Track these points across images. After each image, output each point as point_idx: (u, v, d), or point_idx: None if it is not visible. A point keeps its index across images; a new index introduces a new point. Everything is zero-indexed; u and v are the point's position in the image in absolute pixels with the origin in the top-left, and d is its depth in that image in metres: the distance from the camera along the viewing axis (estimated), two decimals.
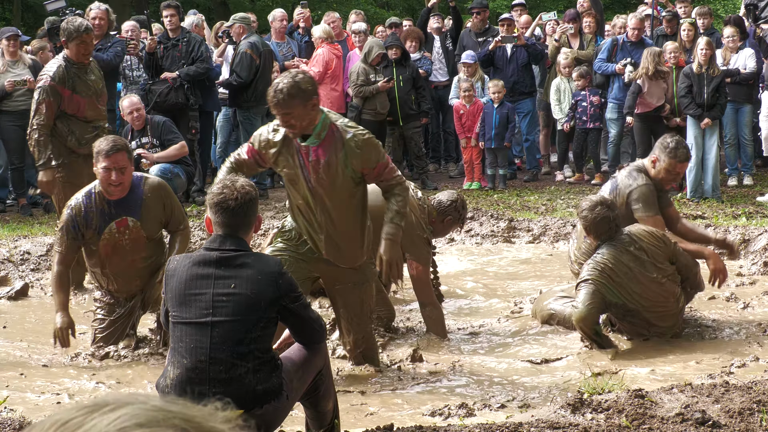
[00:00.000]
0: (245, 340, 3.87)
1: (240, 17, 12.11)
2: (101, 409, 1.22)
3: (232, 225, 3.99)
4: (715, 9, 23.79)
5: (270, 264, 3.99)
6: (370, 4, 25.13)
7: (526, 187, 11.98)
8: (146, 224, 5.83)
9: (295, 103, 4.89)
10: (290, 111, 4.92)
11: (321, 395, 4.24)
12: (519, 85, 12.31)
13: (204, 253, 3.99)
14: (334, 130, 5.06)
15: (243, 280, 3.91)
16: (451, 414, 4.64)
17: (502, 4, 22.07)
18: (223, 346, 3.85)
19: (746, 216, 9.16)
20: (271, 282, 3.92)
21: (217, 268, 3.93)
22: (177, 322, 3.95)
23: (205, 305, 3.90)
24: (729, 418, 4.01)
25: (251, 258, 3.99)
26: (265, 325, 3.93)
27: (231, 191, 4.00)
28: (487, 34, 12.72)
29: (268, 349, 3.97)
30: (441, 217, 6.36)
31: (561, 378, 5.37)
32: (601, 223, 5.85)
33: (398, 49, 11.77)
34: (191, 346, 3.88)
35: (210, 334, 3.86)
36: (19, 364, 5.74)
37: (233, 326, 3.87)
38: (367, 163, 5.06)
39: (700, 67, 10.51)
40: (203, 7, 23.73)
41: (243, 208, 3.99)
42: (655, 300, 5.88)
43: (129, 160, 5.76)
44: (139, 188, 5.82)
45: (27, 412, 4.75)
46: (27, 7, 21.97)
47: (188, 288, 3.93)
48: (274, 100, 4.92)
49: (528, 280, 7.82)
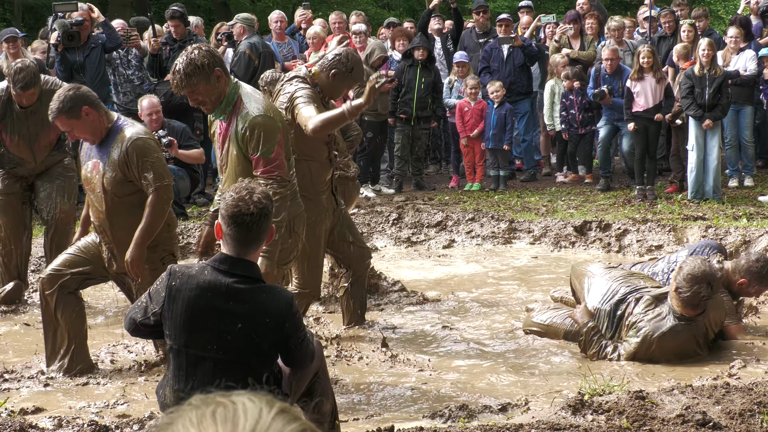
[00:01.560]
0: (246, 378, 3.73)
1: (242, 17, 12.14)
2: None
3: (244, 241, 3.75)
4: (716, 10, 23.81)
5: (279, 304, 3.75)
6: (370, 4, 25.15)
7: (527, 188, 11.98)
8: (108, 176, 5.37)
9: (196, 81, 4.87)
10: (194, 89, 4.91)
11: (319, 396, 4.22)
12: (516, 85, 12.32)
13: (212, 278, 3.74)
14: (239, 105, 5.00)
15: (250, 320, 3.71)
16: (451, 416, 4.64)
17: (503, 4, 22.07)
18: (223, 380, 3.69)
19: (747, 217, 9.16)
20: (277, 325, 3.74)
21: (225, 301, 3.71)
22: (179, 349, 3.80)
23: (209, 339, 3.74)
24: (730, 420, 4.01)
25: (262, 295, 3.76)
26: (269, 363, 3.84)
27: (247, 205, 3.72)
28: (489, 35, 12.75)
29: (268, 375, 3.82)
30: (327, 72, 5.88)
31: (562, 379, 5.37)
32: (694, 299, 5.60)
33: (425, 51, 11.82)
34: (192, 376, 3.79)
35: (212, 370, 3.75)
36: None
37: (236, 366, 3.76)
38: (252, 149, 4.94)
39: (701, 68, 10.51)
40: (204, 8, 23.75)
41: (258, 224, 3.74)
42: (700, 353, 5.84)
43: (72, 121, 5.34)
44: (113, 137, 5.42)
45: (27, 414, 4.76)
46: (27, 8, 21.97)
47: (193, 317, 3.74)
48: (174, 82, 4.87)
49: (535, 281, 7.82)
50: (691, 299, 5.58)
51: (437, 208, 10.23)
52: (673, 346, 5.63)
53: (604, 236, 8.89)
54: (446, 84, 12.46)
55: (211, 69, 4.87)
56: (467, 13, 15.96)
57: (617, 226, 9.00)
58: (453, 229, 9.45)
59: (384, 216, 9.74)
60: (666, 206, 10.30)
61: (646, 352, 5.62)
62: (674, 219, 9.35)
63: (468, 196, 11.34)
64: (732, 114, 11.22)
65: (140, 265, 5.32)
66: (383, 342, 6.02)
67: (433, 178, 12.81)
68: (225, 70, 5.00)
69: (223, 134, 5.07)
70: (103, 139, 5.41)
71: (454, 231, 9.44)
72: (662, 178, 11.87)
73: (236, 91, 5.02)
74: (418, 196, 11.36)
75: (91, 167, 5.46)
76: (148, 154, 5.32)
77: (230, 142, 5.03)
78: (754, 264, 6.07)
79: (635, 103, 10.97)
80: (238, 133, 4.96)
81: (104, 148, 5.40)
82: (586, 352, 5.76)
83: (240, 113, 4.96)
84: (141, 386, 5.38)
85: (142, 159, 5.30)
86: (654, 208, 10.24)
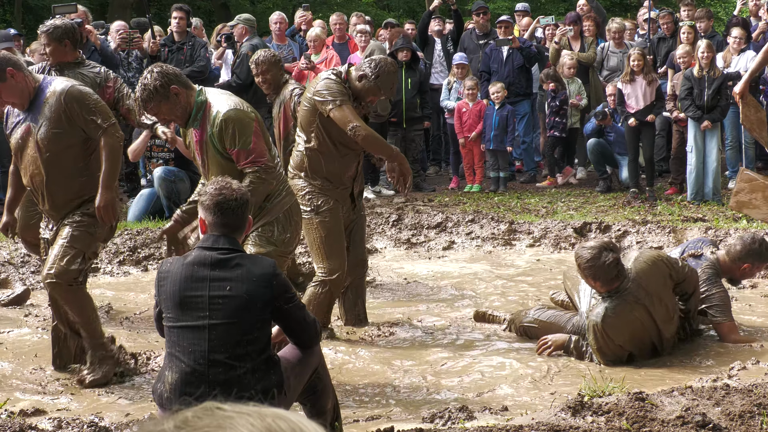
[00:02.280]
0: (242, 342, 3.88)
1: (244, 18, 12.14)
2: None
3: (229, 225, 4.00)
4: (716, 12, 23.80)
5: (264, 265, 3.98)
6: (371, 6, 25.16)
7: (527, 189, 11.98)
8: (42, 132, 5.26)
9: (155, 104, 4.97)
10: (157, 111, 5.02)
11: (319, 394, 4.25)
12: (515, 87, 12.32)
13: (199, 253, 3.98)
14: (208, 109, 5.07)
15: (238, 282, 3.91)
16: (451, 417, 4.63)
17: (503, 5, 22.08)
18: (221, 349, 3.86)
19: (746, 219, 9.16)
20: (265, 283, 3.92)
21: (212, 270, 3.93)
22: (173, 326, 3.94)
23: (201, 308, 3.90)
24: (729, 421, 4.01)
25: (246, 260, 3.99)
26: (261, 326, 3.95)
27: (230, 192, 4.00)
28: (489, 37, 12.75)
29: (265, 349, 3.97)
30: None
31: (561, 380, 5.37)
32: (610, 269, 5.53)
33: (408, 52, 11.80)
34: (189, 350, 3.89)
35: (207, 337, 3.87)
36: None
37: (230, 328, 3.88)
38: (228, 143, 5.04)
39: (700, 69, 10.51)
40: (204, 10, 23.75)
41: (241, 209, 4.01)
42: (666, 334, 5.79)
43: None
44: (41, 96, 5.31)
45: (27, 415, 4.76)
46: (28, 8, 21.97)
47: (184, 290, 3.92)
48: (139, 109, 4.98)
49: (535, 283, 7.82)
50: (599, 270, 5.51)
51: (437, 210, 10.23)
52: (620, 325, 5.57)
53: (604, 238, 8.88)
54: (445, 85, 12.46)
55: (166, 89, 4.96)
56: (467, 15, 15.96)
57: (617, 227, 9.00)
58: (453, 231, 9.45)
59: (384, 217, 9.73)
60: (666, 208, 10.30)
61: (604, 343, 5.58)
62: (674, 220, 9.35)
63: (468, 198, 11.34)
64: (733, 115, 11.22)
65: (113, 207, 5.35)
66: (382, 343, 6.02)
67: (433, 180, 12.80)
68: (182, 84, 5.03)
69: (199, 141, 5.12)
70: (31, 102, 5.32)
71: (453, 232, 9.44)
72: (662, 179, 11.87)
73: (203, 96, 5.08)
74: (417, 198, 11.36)
75: (21, 132, 5.37)
76: (86, 98, 5.30)
77: (207, 146, 5.09)
78: (752, 245, 6.11)
79: (627, 106, 11.00)
80: (213, 135, 5.03)
81: (34, 109, 5.32)
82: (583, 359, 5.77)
83: (210, 116, 5.04)
84: (139, 387, 5.38)
85: (82, 105, 5.27)
86: (654, 209, 10.24)
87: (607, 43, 12.53)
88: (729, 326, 6.01)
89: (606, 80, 12.40)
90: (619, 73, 12.18)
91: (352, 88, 6.05)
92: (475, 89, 11.87)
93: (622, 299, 5.61)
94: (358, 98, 6.08)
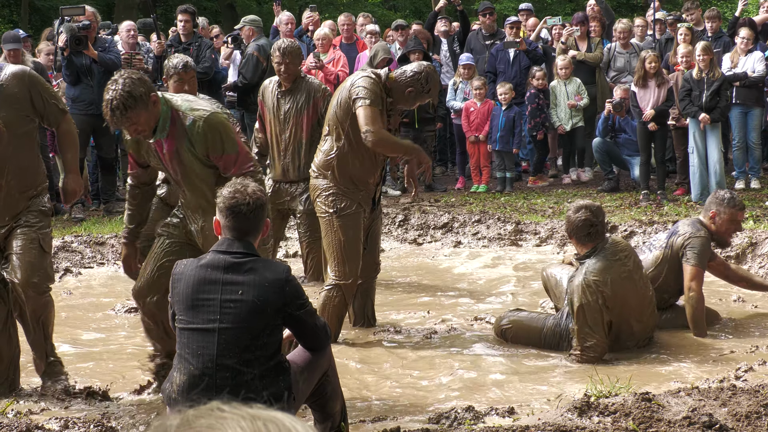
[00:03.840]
0: (251, 347, 3.87)
1: (250, 20, 12.16)
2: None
3: (242, 229, 3.97)
4: (723, 12, 23.76)
5: (277, 271, 3.95)
6: (377, 6, 25.16)
7: (533, 190, 11.98)
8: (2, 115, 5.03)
9: (136, 113, 4.62)
10: (135, 121, 4.66)
11: (328, 397, 4.25)
12: (521, 87, 12.32)
13: (213, 257, 3.97)
14: (176, 117, 4.79)
15: (250, 286, 3.89)
16: (458, 417, 4.63)
17: (509, 5, 22.07)
18: (229, 353, 3.85)
19: (753, 219, 9.13)
20: (277, 289, 3.90)
21: (225, 274, 3.91)
22: (184, 327, 3.94)
23: (212, 311, 3.88)
24: (736, 422, 4.00)
25: (259, 264, 3.96)
26: (271, 332, 3.92)
27: (243, 196, 3.94)
28: (495, 37, 12.75)
29: (275, 355, 3.95)
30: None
31: (568, 381, 5.37)
32: (582, 227, 5.82)
33: (420, 53, 11.79)
34: (198, 352, 3.88)
35: (216, 341, 3.86)
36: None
37: (240, 333, 3.87)
38: (213, 150, 4.80)
39: (699, 72, 10.51)
40: (210, 10, 23.78)
41: (254, 213, 3.96)
42: (643, 307, 5.86)
43: None
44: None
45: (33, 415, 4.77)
46: (35, 9, 22.02)
47: (196, 293, 3.91)
48: (113, 118, 4.58)
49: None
50: (572, 226, 5.83)
51: (443, 210, 10.23)
52: (603, 271, 5.69)
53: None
54: (451, 86, 12.45)
55: (148, 96, 4.66)
56: (473, 15, 15.96)
57: (624, 227, 8.99)
58: (459, 231, 9.45)
59: (390, 217, 9.74)
60: (673, 208, 10.29)
61: (587, 300, 5.64)
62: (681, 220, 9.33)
63: (474, 198, 11.34)
64: (740, 116, 11.20)
65: (80, 190, 5.34)
66: (389, 343, 6.02)
67: (439, 180, 12.80)
68: (156, 92, 4.79)
69: (170, 151, 4.85)
70: None
71: (460, 233, 9.44)
72: (668, 180, 11.85)
73: (167, 105, 4.81)
74: (424, 198, 11.36)
75: None
76: (43, 81, 5.24)
77: (181, 156, 4.84)
78: (716, 194, 6.55)
79: (641, 109, 10.98)
80: (194, 145, 4.79)
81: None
82: (558, 349, 5.86)
83: (185, 123, 4.78)
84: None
85: (42, 87, 5.16)
86: (661, 210, 10.23)
87: (613, 44, 12.52)
88: (696, 272, 6.15)
89: (613, 81, 12.39)
90: (626, 73, 12.17)
91: (392, 94, 6.01)
92: (483, 89, 11.87)
93: (602, 257, 5.78)
94: (394, 104, 6.06)
